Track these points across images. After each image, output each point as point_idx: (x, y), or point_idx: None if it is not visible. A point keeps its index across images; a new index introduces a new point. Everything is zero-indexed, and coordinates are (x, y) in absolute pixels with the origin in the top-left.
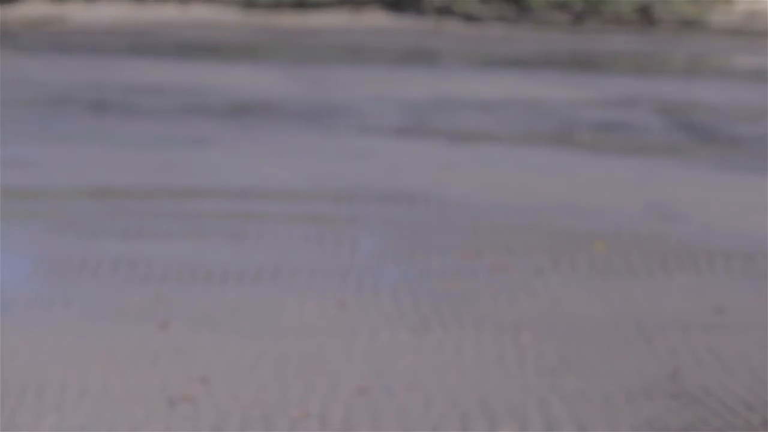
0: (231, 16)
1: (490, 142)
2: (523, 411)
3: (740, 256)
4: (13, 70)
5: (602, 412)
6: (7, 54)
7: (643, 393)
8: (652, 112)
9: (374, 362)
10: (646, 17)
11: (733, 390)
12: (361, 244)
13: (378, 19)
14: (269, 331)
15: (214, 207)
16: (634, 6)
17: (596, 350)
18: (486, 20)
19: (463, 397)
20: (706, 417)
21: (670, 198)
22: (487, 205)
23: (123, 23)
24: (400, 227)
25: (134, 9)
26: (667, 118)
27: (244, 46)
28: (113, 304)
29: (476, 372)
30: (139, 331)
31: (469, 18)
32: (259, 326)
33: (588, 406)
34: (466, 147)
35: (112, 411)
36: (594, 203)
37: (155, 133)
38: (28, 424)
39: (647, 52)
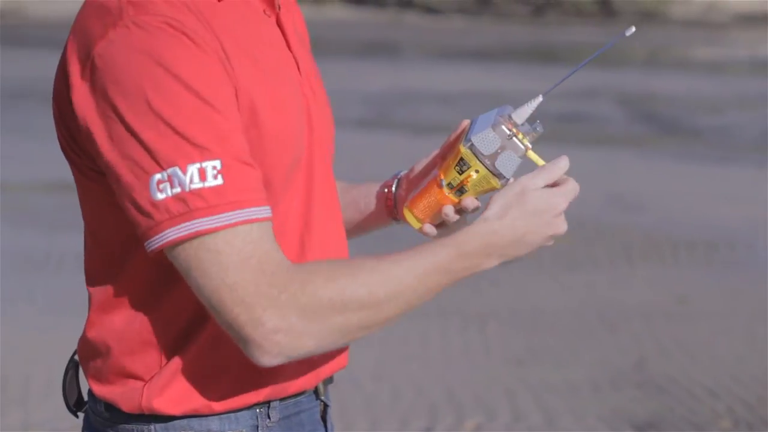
0: None
1: None
2: (490, 401)
3: (703, 245)
4: None
5: (568, 402)
6: None
7: (608, 382)
8: (613, 104)
9: None
10: (605, 9)
11: (698, 379)
12: None
13: (339, 12)
14: None
15: None
16: None
17: (561, 341)
18: (446, 12)
19: (430, 388)
20: (671, 405)
21: (632, 189)
22: None
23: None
24: None
25: None
26: (627, 110)
27: None
28: (78, 299)
29: (442, 363)
30: None
31: (429, 10)
32: None
33: (554, 396)
34: (429, 139)
35: None
36: None
37: None
38: None
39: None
